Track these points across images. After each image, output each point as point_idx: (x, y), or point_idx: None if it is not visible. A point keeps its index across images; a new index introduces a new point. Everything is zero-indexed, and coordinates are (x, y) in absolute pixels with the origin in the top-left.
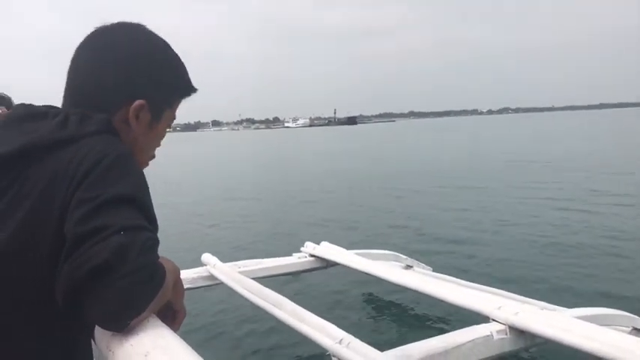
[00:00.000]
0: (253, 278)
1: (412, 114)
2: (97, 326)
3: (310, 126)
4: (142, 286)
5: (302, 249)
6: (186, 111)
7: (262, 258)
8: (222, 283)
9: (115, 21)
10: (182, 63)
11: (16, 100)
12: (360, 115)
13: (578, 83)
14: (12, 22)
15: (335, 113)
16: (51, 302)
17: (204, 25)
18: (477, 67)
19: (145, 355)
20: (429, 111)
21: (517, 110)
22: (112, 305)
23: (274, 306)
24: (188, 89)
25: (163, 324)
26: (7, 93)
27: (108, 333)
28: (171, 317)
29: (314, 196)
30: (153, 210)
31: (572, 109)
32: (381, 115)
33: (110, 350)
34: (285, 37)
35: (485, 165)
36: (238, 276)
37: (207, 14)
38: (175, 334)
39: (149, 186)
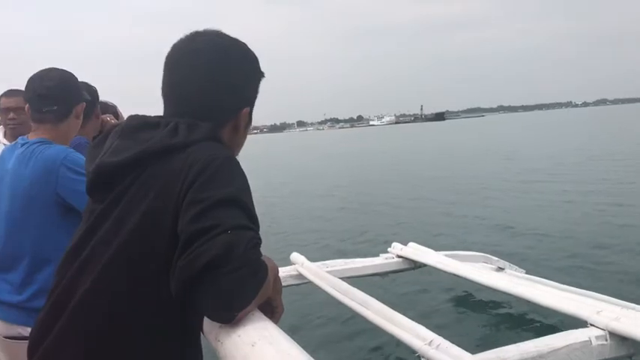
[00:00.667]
0: (341, 278)
1: (501, 108)
2: (205, 319)
3: (396, 123)
4: (247, 281)
5: (389, 250)
6: (272, 113)
7: (349, 258)
8: (310, 282)
9: (197, 29)
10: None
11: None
12: (447, 111)
13: None
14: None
15: (422, 109)
16: (165, 297)
17: (284, 26)
18: (568, 56)
19: (252, 345)
20: (519, 104)
21: (615, 101)
22: (222, 298)
23: (362, 306)
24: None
25: (266, 317)
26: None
27: (216, 325)
28: (270, 313)
29: (402, 195)
30: (254, 210)
31: None
32: (468, 111)
33: (219, 341)
34: (366, 34)
35: (590, 163)
36: (326, 275)
37: (287, 15)
38: (278, 327)
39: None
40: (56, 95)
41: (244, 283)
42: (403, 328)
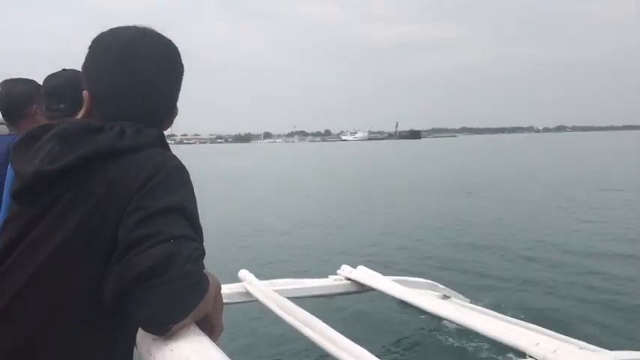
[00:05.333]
0: (288, 297)
1: (465, 130)
2: (139, 331)
3: (369, 139)
4: (185, 294)
5: (338, 272)
6: (236, 122)
7: (298, 278)
8: (257, 300)
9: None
10: None
11: None
12: (412, 130)
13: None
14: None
15: (397, 127)
16: (98, 305)
17: (251, 37)
18: (528, 84)
19: None
20: (483, 127)
21: (575, 129)
22: (156, 308)
23: (307, 326)
24: None
25: (203, 333)
26: None
27: (149, 337)
28: (209, 331)
29: (358, 217)
30: (199, 222)
31: (633, 129)
32: (434, 130)
33: (151, 354)
34: (334, 51)
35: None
36: (273, 294)
37: (255, 27)
38: (215, 344)
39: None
40: (63, 93)
41: (182, 295)
42: (345, 350)
